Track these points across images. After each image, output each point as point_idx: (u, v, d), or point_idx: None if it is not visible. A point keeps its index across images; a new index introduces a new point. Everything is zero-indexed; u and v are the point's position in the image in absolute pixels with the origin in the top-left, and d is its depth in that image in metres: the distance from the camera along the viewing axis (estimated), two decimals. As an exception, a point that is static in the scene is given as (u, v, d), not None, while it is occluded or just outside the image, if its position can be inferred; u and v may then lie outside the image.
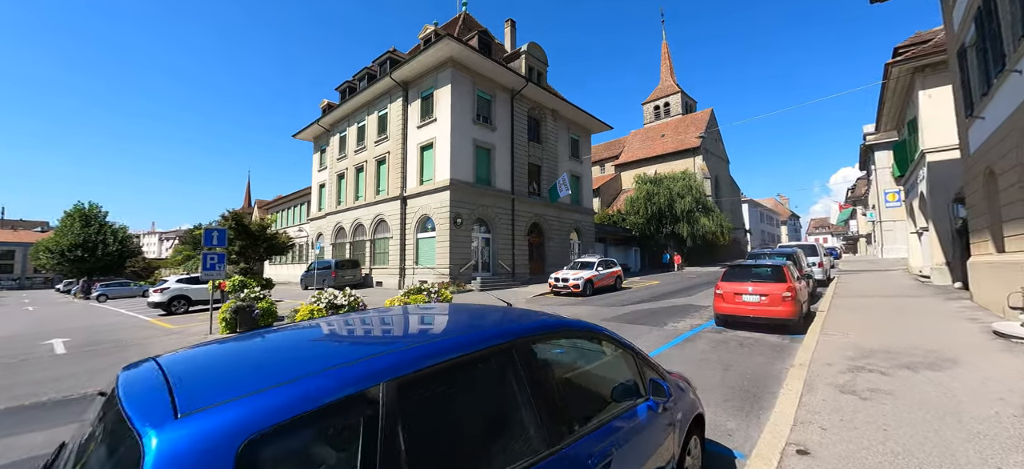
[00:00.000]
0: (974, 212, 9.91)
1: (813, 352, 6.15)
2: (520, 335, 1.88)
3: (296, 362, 1.51)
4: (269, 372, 1.36)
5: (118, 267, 43.41)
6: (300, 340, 1.85)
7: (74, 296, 33.27)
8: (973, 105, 9.16)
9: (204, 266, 11.04)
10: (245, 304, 11.07)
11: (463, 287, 19.29)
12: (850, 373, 5.14)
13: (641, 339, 8.02)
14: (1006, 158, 7.56)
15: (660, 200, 36.22)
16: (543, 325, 2.10)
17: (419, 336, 1.95)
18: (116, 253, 43.31)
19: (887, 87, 16.01)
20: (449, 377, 1.53)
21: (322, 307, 9.37)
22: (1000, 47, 7.32)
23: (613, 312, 11.85)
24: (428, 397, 1.45)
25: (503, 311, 2.42)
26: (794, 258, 12.07)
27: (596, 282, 17.66)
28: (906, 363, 5.42)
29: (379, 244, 24.91)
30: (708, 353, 6.88)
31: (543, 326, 2.09)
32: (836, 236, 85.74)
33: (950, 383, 4.62)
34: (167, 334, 12.41)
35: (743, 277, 8.81)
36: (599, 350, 2.52)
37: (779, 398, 4.52)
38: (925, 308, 9.60)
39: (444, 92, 21.40)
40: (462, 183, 21.12)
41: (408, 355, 1.44)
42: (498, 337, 1.80)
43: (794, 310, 7.97)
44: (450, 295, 11.93)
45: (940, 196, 13.68)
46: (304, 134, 33.49)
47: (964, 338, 6.61)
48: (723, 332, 8.50)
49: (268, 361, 1.56)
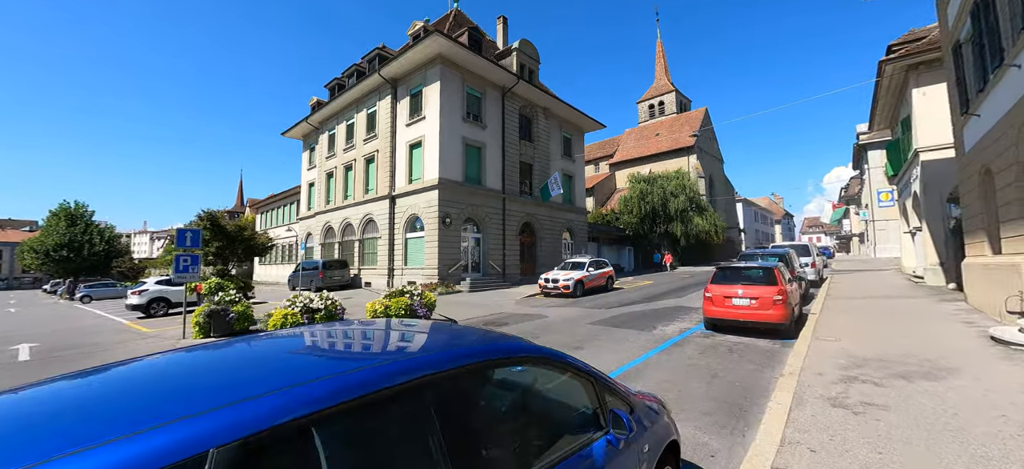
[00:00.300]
0: (969, 212, 9.67)
1: (804, 359, 5.86)
2: (446, 366, 1.54)
3: (134, 410, 1.16)
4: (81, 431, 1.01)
5: (105, 267, 42.67)
6: (172, 372, 1.50)
7: (60, 297, 32.80)
8: (968, 102, 8.91)
9: (176, 268, 10.61)
10: (219, 308, 10.66)
11: (452, 288, 18.93)
12: (842, 384, 4.84)
13: (628, 344, 7.72)
14: (1003, 156, 7.30)
15: (654, 199, 35.99)
16: (478, 352, 1.76)
17: (313, 370, 1.58)
18: (103, 253, 42.53)
19: (880, 85, 15.80)
20: (330, 427, 1.18)
21: (297, 312, 8.99)
22: (998, 41, 7.05)
23: (601, 315, 11.54)
24: (290, 462, 1.11)
25: (443, 333, 2.08)
26: (786, 259, 11.80)
27: (587, 283, 17.36)
28: (901, 372, 5.13)
29: (368, 244, 24.49)
30: (695, 359, 6.57)
31: (478, 353, 1.75)
32: (829, 235, 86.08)
33: (948, 396, 4.33)
34: (142, 338, 11.99)
35: (733, 279, 8.52)
36: (551, 378, 2.18)
37: (766, 413, 4.21)
38: (919, 311, 9.36)
39: (433, 89, 21.00)
40: (451, 182, 20.74)
41: (260, 408, 1.09)
42: (416, 368, 1.46)
43: (785, 314, 7.69)
44: (433, 297, 11.55)
45: (934, 195, 13.47)
46: (293, 132, 32.96)
47: (960, 344, 6.34)
48: (712, 336, 8.20)
49: (105, 408, 1.20)
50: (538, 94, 25.94)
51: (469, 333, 2.15)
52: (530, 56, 26.48)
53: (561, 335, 8.74)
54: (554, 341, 8.21)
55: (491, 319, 11.48)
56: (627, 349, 7.36)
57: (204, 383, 1.38)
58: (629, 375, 5.87)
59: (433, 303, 11.41)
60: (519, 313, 12.49)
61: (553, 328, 9.64)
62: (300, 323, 8.87)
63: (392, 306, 10.57)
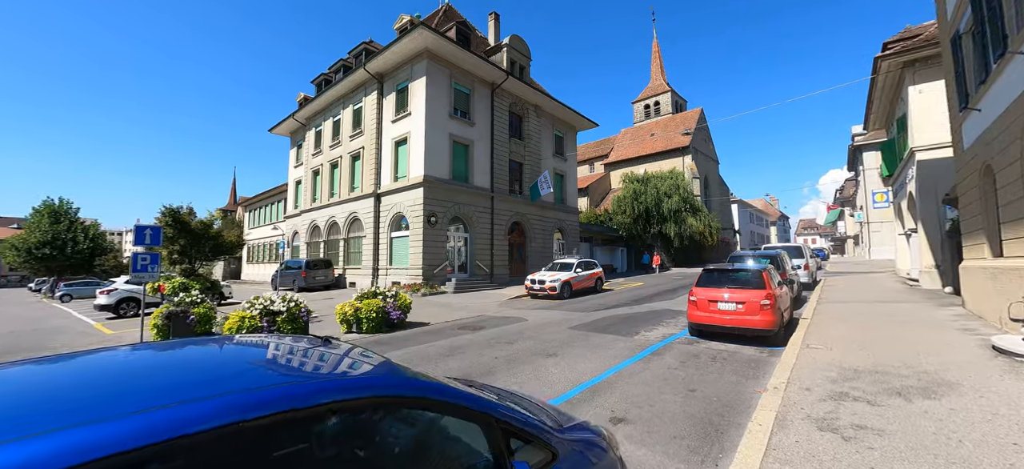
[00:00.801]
0: (968, 213, 9.21)
1: (791, 371, 5.35)
2: (268, 410, 1.05)
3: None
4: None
5: (89, 266, 41.79)
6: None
7: (43, 296, 32.24)
8: (968, 97, 8.45)
9: (133, 266, 10.00)
10: (179, 309, 10.07)
11: (436, 289, 18.37)
12: (832, 401, 4.33)
13: (604, 352, 7.19)
14: (1006, 153, 6.83)
15: (647, 199, 35.56)
16: (298, 393, 1.23)
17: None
18: (87, 251, 41.70)
19: (876, 83, 15.37)
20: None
21: (255, 315, 8.40)
22: (1001, 28, 6.57)
23: (584, 318, 11.01)
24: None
25: (277, 360, 1.54)
26: (777, 261, 11.33)
27: (574, 284, 16.85)
28: (897, 388, 4.62)
29: (353, 243, 23.88)
30: (674, 370, 6.05)
31: (297, 396, 1.21)
32: (824, 237, 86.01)
33: (950, 418, 3.82)
34: (103, 340, 11.44)
35: (719, 282, 8.01)
36: (432, 422, 1.64)
37: (745, 437, 3.69)
38: (915, 316, 8.88)
39: (419, 84, 20.42)
40: (437, 180, 20.16)
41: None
42: (222, 413, 0.96)
43: (773, 320, 7.18)
44: (408, 299, 10.98)
45: (930, 196, 13.04)
46: (280, 129, 32.31)
47: (961, 354, 5.85)
48: (696, 343, 7.69)
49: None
50: (529, 91, 25.41)
51: (327, 356, 1.61)
52: (521, 52, 25.94)
53: (534, 341, 8.20)
54: (526, 348, 7.67)
55: (468, 322, 10.93)
56: (603, 357, 6.83)
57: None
58: (599, 388, 5.34)
59: (408, 305, 10.86)
60: (499, 316, 11.95)
61: (528, 333, 9.10)
62: (259, 327, 8.30)
63: (363, 308, 10.01)
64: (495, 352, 7.41)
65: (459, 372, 6.23)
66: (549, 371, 6.14)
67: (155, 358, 1.64)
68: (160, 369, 1.52)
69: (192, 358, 1.67)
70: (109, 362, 1.51)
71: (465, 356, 7.21)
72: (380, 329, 9.98)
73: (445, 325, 10.67)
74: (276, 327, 8.49)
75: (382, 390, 1.40)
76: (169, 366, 1.55)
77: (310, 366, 1.55)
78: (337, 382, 1.35)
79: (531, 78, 27.29)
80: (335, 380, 1.37)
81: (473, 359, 7.00)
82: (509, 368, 6.36)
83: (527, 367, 6.38)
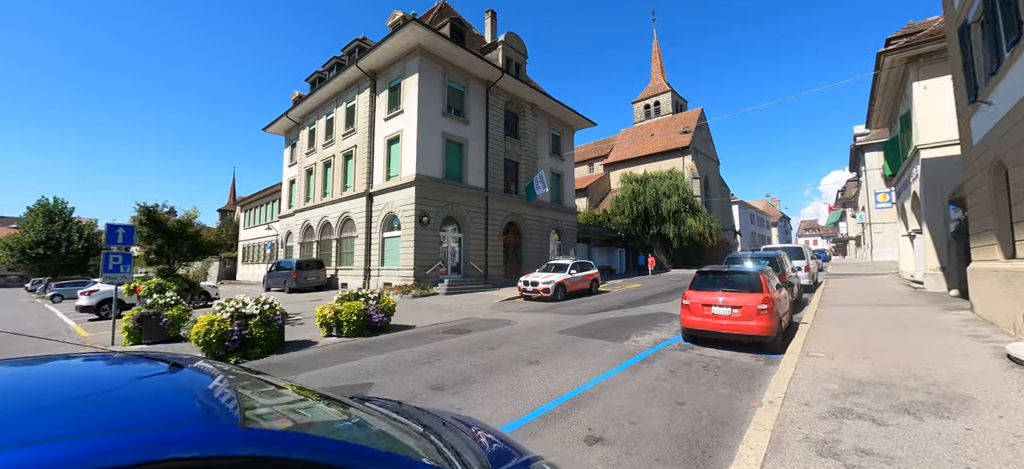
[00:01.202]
0: (977, 212, 8.75)
1: (789, 383, 4.91)
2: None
3: None
4: None
5: (83, 265, 41.46)
6: None
7: (37, 296, 32.03)
8: (977, 89, 8.01)
9: (104, 266, 9.61)
10: (151, 312, 9.69)
11: (428, 291, 17.95)
12: (833, 419, 3.89)
13: (591, 359, 6.76)
14: (1020, 147, 6.38)
15: (646, 200, 35.10)
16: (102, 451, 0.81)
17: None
18: (81, 251, 41.38)
19: (879, 79, 14.91)
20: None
21: (226, 318, 7.98)
22: (1015, 14, 6.13)
23: (574, 321, 10.58)
24: None
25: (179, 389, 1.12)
26: (776, 262, 10.88)
27: (569, 286, 16.42)
28: (906, 404, 4.18)
29: (345, 244, 23.47)
30: (663, 380, 5.62)
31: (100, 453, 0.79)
32: (826, 238, 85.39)
33: (967, 441, 3.38)
34: (77, 343, 11.05)
35: (714, 285, 7.57)
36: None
37: (735, 462, 3.26)
38: (921, 321, 8.43)
39: (412, 82, 20.01)
40: (429, 179, 19.75)
41: None
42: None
43: (770, 325, 6.74)
44: (392, 301, 10.55)
45: (935, 195, 12.58)
46: (274, 127, 31.95)
47: (973, 364, 5.41)
48: (689, 349, 7.26)
49: None
50: (525, 89, 24.98)
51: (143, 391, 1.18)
52: (517, 50, 25.53)
53: (518, 347, 7.77)
54: (508, 354, 7.24)
55: (454, 325, 10.51)
56: (588, 365, 6.39)
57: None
58: (580, 401, 4.91)
59: (392, 308, 10.43)
60: (487, 319, 11.52)
61: (514, 338, 8.67)
62: (229, 332, 7.87)
63: (344, 311, 9.59)
64: (475, 359, 6.98)
65: (433, 381, 5.81)
66: (528, 381, 5.70)
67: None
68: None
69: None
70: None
71: (442, 363, 6.78)
72: (361, 333, 9.56)
73: (430, 328, 10.25)
74: (248, 331, 8.06)
75: (186, 450, 0.97)
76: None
77: (119, 409, 1.13)
78: (111, 443, 0.92)
79: (527, 76, 26.88)
80: (108, 439, 0.94)
81: (450, 366, 6.57)
82: (486, 377, 5.93)
83: (505, 376, 5.95)
